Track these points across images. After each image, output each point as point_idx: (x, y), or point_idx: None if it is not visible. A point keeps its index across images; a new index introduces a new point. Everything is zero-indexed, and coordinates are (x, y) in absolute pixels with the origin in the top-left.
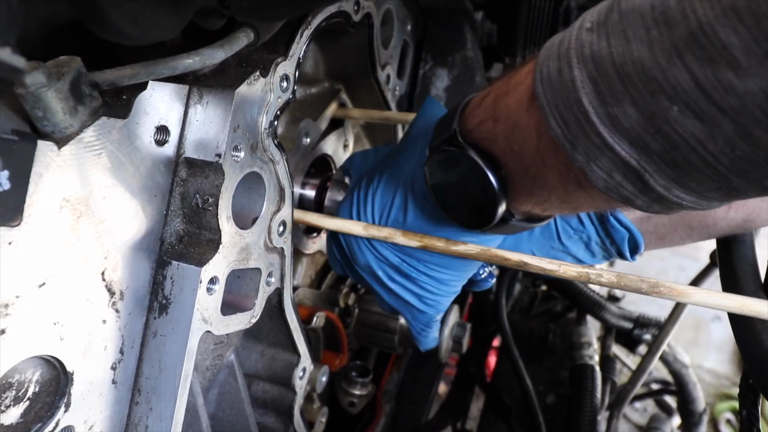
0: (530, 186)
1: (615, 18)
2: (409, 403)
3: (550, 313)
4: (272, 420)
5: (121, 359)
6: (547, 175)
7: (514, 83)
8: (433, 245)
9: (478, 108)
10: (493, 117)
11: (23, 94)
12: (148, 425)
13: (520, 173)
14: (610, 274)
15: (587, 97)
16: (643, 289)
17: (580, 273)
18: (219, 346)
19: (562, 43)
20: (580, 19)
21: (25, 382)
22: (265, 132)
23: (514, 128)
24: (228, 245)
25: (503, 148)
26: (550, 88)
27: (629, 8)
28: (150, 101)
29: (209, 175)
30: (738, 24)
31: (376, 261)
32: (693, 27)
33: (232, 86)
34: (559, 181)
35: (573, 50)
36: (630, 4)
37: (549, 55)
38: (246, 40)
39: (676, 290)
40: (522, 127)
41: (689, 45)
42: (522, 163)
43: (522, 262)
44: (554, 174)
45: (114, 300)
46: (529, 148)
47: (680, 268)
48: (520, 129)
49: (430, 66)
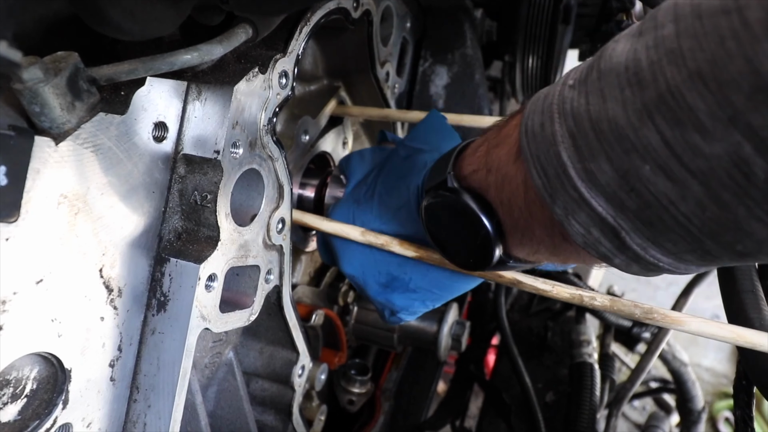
0: (520, 237)
1: (594, 76)
2: (408, 402)
3: (550, 311)
4: (271, 418)
5: (119, 356)
6: (535, 228)
7: (503, 135)
8: (429, 257)
9: (473, 156)
10: (486, 167)
11: (20, 90)
12: (147, 423)
13: (510, 224)
14: (604, 297)
15: (566, 151)
16: (637, 315)
17: (573, 295)
18: (218, 344)
19: (547, 98)
20: (565, 75)
21: (22, 379)
22: (264, 129)
23: (503, 180)
24: (226, 242)
25: (494, 199)
26: (533, 141)
27: (607, 68)
28: (148, 97)
29: (208, 171)
30: (703, 89)
31: (366, 269)
32: (662, 89)
33: (230, 82)
34: (546, 234)
35: (555, 105)
36: (608, 64)
37: (534, 109)
38: (245, 36)
39: (669, 317)
40: (510, 179)
41: (659, 106)
42: (512, 214)
43: (516, 280)
44: (541, 227)
45: (112, 297)
46: (518, 200)
47: None
48: (509, 181)
49: (429, 63)
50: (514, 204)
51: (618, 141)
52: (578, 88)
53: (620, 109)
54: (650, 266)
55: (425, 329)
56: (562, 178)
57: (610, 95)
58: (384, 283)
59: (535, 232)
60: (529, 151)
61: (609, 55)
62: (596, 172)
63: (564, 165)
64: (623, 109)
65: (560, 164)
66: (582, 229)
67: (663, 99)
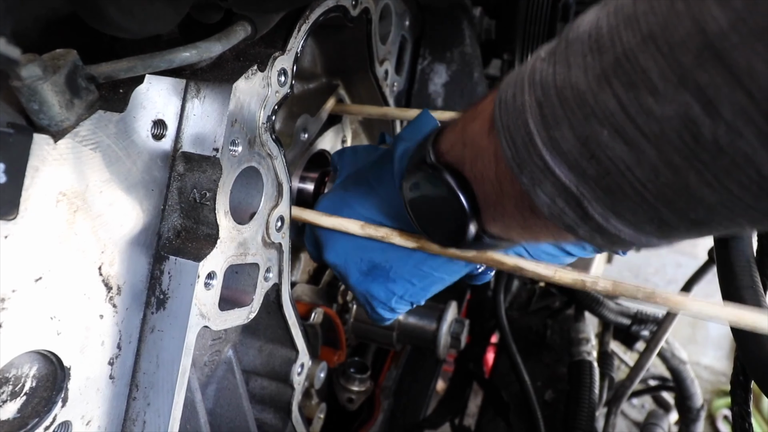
0: (493, 212)
1: (562, 46)
2: (407, 400)
3: (549, 309)
4: (270, 416)
5: (118, 354)
6: (505, 201)
7: (479, 110)
8: (429, 247)
9: (451, 132)
10: (462, 141)
11: (19, 87)
12: (146, 420)
13: (483, 198)
14: (606, 281)
15: (533, 119)
16: (639, 297)
17: (576, 280)
18: (217, 342)
19: (520, 71)
20: (538, 49)
21: (21, 377)
22: (263, 127)
23: (477, 154)
24: (226, 240)
25: (469, 173)
26: (505, 112)
27: (574, 37)
28: (147, 95)
29: (207, 169)
30: (655, 51)
31: (348, 257)
32: (618, 53)
33: (229, 80)
34: (516, 209)
35: (526, 76)
36: (575, 33)
37: (508, 82)
38: (243, 34)
39: (671, 300)
40: (483, 153)
41: (615, 70)
42: (484, 188)
43: (517, 266)
44: (510, 202)
45: (111, 295)
46: (489, 174)
47: (678, 264)
48: (482, 154)
49: (428, 62)
50: (486, 177)
51: (579, 107)
52: (548, 59)
53: (582, 75)
54: (613, 238)
55: (424, 327)
56: (529, 147)
57: (574, 63)
58: (365, 270)
59: (506, 206)
60: (501, 123)
61: (576, 26)
62: (560, 140)
63: (531, 134)
64: (584, 75)
65: (527, 133)
66: (548, 200)
67: (619, 62)
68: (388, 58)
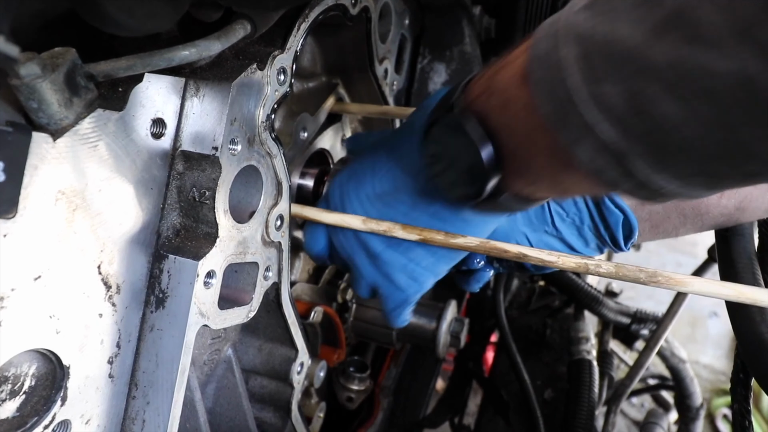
0: (519, 165)
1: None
2: (406, 399)
3: (548, 308)
4: (270, 415)
5: (117, 353)
6: (537, 155)
7: (510, 58)
8: (432, 238)
9: (478, 82)
10: (489, 90)
11: (18, 86)
12: (146, 419)
13: (510, 150)
14: (609, 264)
15: (573, 76)
16: (642, 279)
17: (579, 264)
18: (216, 341)
19: (554, 24)
20: (572, 1)
21: (21, 376)
22: (263, 125)
23: (506, 103)
24: (225, 239)
25: (496, 123)
26: (540, 67)
27: None
28: (146, 93)
29: (206, 168)
30: (715, 3)
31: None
32: (676, 5)
33: (228, 79)
34: (547, 162)
35: (562, 30)
36: None
37: (541, 35)
38: (243, 32)
39: (674, 279)
40: (514, 103)
41: (671, 23)
42: (512, 140)
43: (521, 253)
44: (543, 154)
45: (110, 293)
46: (520, 125)
47: (678, 264)
48: (512, 104)
49: (428, 61)
50: (516, 129)
51: (626, 62)
52: (585, 11)
53: (630, 29)
54: (657, 192)
55: (424, 326)
56: (569, 105)
57: (619, 16)
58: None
59: (537, 159)
60: (536, 77)
61: None
62: (603, 96)
63: (570, 90)
64: (633, 28)
65: (566, 90)
66: (588, 157)
67: (676, 15)
68: (387, 57)
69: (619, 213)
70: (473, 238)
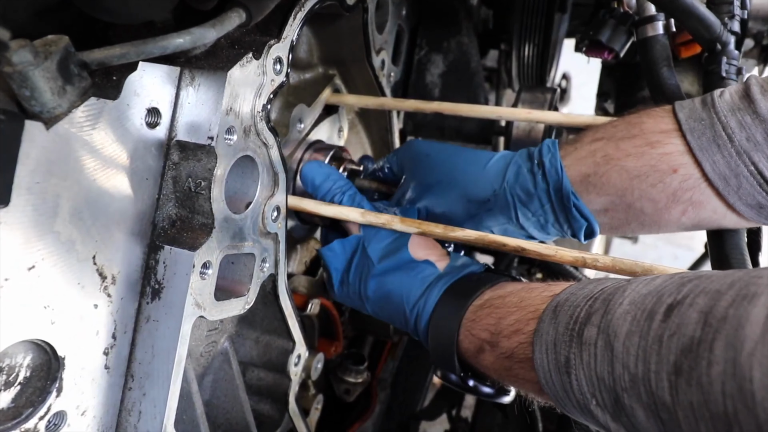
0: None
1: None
2: (404, 391)
3: None
4: (267, 407)
5: (113, 344)
6: (519, 385)
7: (514, 330)
8: (431, 231)
9: (477, 328)
10: (491, 347)
11: (10, 73)
12: (142, 411)
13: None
14: (606, 258)
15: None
16: (638, 273)
17: (576, 258)
18: (213, 333)
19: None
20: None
21: (15, 367)
22: (259, 115)
23: (513, 376)
24: (221, 230)
25: (491, 370)
26: (550, 381)
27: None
28: (141, 83)
29: (202, 158)
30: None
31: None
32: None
33: (224, 68)
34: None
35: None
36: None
37: (548, 341)
38: (238, 20)
39: (669, 272)
40: (519, 376)
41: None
42: (499, 376)
43: (519, 247)
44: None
45: (105, 284)
46: (521, 383)
47: (675, 257)
48: (518, 377)
49: (425, 52)
50: (524, 391)
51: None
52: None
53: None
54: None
55: None
56: (586, 413)
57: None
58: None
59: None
60: (547, 384)
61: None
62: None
63: (587, 401)
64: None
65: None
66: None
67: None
68: (384, 48)
69: (583, 221)
70: (471, 231)
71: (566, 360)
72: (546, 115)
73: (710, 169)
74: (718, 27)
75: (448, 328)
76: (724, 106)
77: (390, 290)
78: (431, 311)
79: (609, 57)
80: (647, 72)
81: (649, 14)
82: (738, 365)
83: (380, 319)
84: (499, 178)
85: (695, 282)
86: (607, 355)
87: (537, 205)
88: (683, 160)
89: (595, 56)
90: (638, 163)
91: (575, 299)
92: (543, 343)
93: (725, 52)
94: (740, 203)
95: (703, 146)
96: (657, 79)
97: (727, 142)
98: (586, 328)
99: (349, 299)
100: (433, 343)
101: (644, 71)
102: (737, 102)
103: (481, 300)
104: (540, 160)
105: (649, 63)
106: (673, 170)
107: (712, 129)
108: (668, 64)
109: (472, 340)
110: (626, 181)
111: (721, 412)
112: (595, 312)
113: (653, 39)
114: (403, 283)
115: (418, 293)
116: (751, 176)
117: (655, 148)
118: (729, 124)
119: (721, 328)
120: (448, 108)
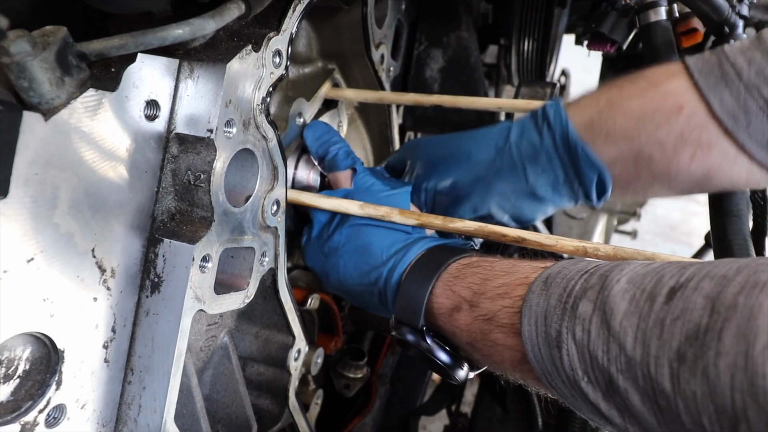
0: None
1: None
2: (404, 387)
3: None
4: (267, 402)
5: (113, 338)
6: (507, 370)
7: (505, 292)
8: (430, 222)
9: (450, 290)
10: (470, 308)
11: (8, 64)
12: (141, 404)
13: (476, 359)
14: (607, 247)
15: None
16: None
17: (577, 247)
18: (213, 327)
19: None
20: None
21: (14, 360)
22: (258, 108)
23: (492, 346)
24: (220, 223)
25: (465, 342)
26: (539, 354)
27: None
28: (139, 74)
29: (201, 151)
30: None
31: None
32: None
33: (223, 60)
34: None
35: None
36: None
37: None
38: (237, 12)
39: (671, 261)
40: (501, 348)
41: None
42: (484, 358)
43: (520, 237)
44: (513, 371)
45: (105, 277)
46: (503, 364)
47: (673, 252)
48: (499, 348)
49: (424, 47)
50: (496, 361)
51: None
52: (588, 322)
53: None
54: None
55: None
56: (575, 390)
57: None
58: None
59: (506, 370)
60: (534, 358)
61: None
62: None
63: (576, 375)
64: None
65: (577, 386)
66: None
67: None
68: (384, 42)
69: (592, 172)
70: (471, 222)
71: (557, 333)
72: None
73: (718, 106)
74: (727, 9)
75: (425, 279)
76: (733, 48)
77: (368, 240)
78: (410, 262)
79: (611, 49)
80: (650, 58)
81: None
82: (750, 358)
83: (342, 277)
84: (503, 135)
85: (697, 266)
86: (602, 333)
87: (545, 159)
88: (688, 96)
89: (597, 49)
90: (642, 103)
91: (568, 272)
92: (533, 315)
93: (733, 36)
94: (750, 141)
95: (710, 83)
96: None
97: (735, 78)
98: (581, 303)
99: (318, 255)
100: (403, 293)
101: (647, 58)
102: (746, 44)
103: (469, 260)
104: (544, 113)
105: (652, 49)
106: (679, 107)
107: (719, 67)
108: (672, 50)
109: (450, 296)
110: (631, 123)
111: (728, 406)
112: (591, 287)
113: (656, 24)
114: (387, 234)
115: (400, 245)
116: (760, 111)
117: (658, 88)
118: (737, 62)
119: (730, 316)
120: (447, 101)
